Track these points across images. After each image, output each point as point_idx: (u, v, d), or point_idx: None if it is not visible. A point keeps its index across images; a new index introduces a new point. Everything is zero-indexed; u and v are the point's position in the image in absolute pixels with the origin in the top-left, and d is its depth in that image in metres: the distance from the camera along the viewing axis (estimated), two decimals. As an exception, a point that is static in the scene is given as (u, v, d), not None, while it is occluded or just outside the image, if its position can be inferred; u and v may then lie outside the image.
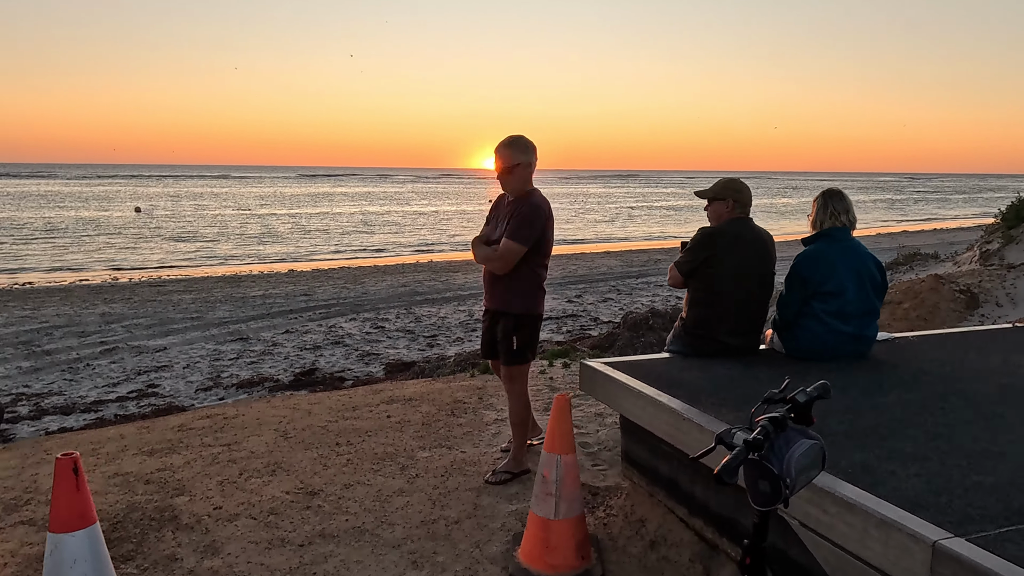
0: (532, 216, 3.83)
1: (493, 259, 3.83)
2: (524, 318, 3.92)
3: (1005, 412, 2.91)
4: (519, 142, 3.85)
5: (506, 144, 3.83)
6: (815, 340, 3.72)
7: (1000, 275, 8.16)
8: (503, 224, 3.86)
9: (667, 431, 2.98)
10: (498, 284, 3.91)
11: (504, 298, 3.92)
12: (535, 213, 3.84)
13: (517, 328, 3.90)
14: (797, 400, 1.92)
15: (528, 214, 3.83)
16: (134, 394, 10.66)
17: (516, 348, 3.89)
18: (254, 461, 4.32)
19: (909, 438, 2.62)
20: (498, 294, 3.93)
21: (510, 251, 3.79)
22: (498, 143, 3.85)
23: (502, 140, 3.86)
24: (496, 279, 3.91)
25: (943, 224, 42.44)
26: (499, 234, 3.86)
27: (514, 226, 3.80)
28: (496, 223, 3.93)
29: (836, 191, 3.92)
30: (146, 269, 25.84)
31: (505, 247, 3.79)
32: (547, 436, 2.99)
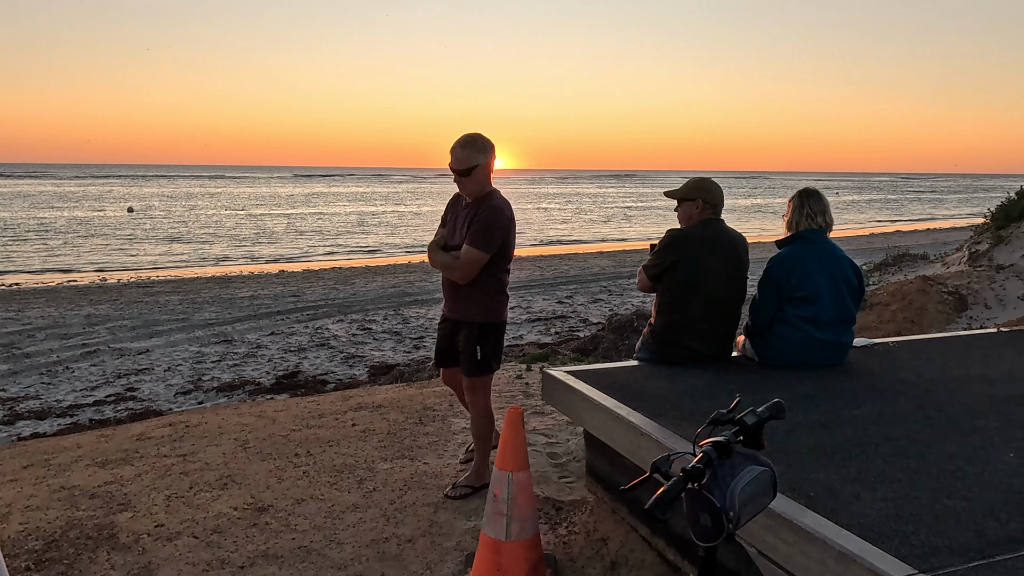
0: (494, 221, 3.62)
1: (454, 267, 3.62)
2: (488, 327, 3.73)
3: (983, 426, 2.73)
4: (476, 141, 3.63)
5: (462, 144, 3.61)
6: (789, 347, 3.55)
7: (989, 276, 8.00)
8: (462, 228, 3.65)
9: (626, 446, 2.81)
10: (459, 292, 3.70)
11: (466, 307, 3.72)
12: (497, 217, 3.63)
13: (481, 338, 3.70)
14: (745, 422, 1.74)
15: (490, 219, 3.62)
16: (112, 398, 10.46)
17: (480, 358, 3.70)
18: (207, 473, 4.13)
19: (879, 456, 2.44)
20: (460, 303, 3.72)
21: (472, 259, 3.58)
22: (454, 144, 3.64)
23: (457, 139, 3.64)
24: (457, 287, 3.70)
25: (937, 224, 42.37)
26: (459, 239, 3.66)
27: (476, 232, 3.58)
28: (454, 226, 3.72)
29: (813, 191, 3.74)
30: (135, 270, 25.62)
31: (467, 255, 3.58)
32: (498, 451, 2.81)
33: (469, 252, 3.57)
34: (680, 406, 2.97)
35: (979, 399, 3.07)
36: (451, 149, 3.61)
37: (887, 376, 3.44)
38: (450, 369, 3.94)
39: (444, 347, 3.89)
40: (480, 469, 3.79)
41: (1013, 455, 2.45)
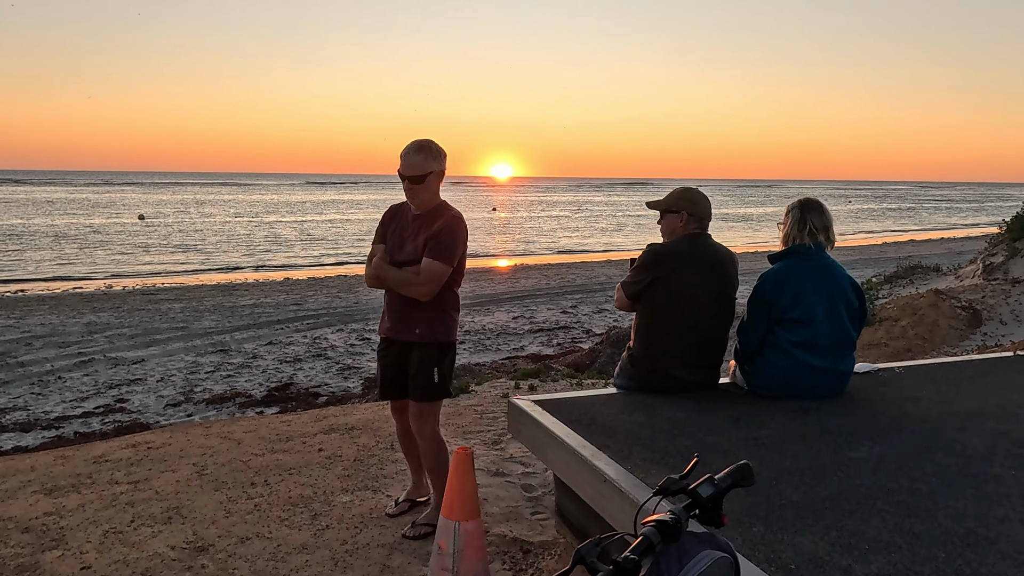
0: (458, 233, 3.34)
1: (415, 284, 3.27)
2: (446, 346, 3.40)
3: (1000, 475, 2.38)
4: (431, 147, 3.31)
5: (415, 149, 3.29)
6: (781, 375, 3.20)
7: (1004, 290, 7.59)
8: (413, 241, 3.33)
9: (590, 493, 2.47)
10: (413, 311, 3.35)
11: (423, 326, 3.37)
12: (460, 229, 3.35)
13: (439, 358, 3.37)
14: (699, 494, 1.39)
15: (454, 230, 3.33)
16: (100, 410, 10.23)
17: (437, 381, 3.36)
18: (154, 504, 3.83)
19: (878, 514, 2.09)
20: (414, 322, 3.36)
21: (437, 273, 3.27)
22: (406, 148, 3.33)
23: (409, 144, 3.32)
24: (411, 306, 3.35)
25: (952, 233, 41.65)
26: (409, 253, 3.33)
27: (441, 244, 3.28)
28: (401, 240, 3.38)
29: (815, 203, 3.33)
30: (141, 277, 25.51)
31: (432, 269, 3.26)
32: (444, 498, 2.48)
33: (434, 266, 3.27)
34: (653, 445, 2.63)
35: (994, 439, 2.71)
36: (402, 154, 3.30)
37: (891, 409, 3.08)
38: (399, 400, 3.58)
39: (393, 374, 3.49)
40: (440, 504, 3.45)
41: (1033, 513, 2.09)
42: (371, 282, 3.41)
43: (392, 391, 3.52)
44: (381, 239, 3.44)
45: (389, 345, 3.45)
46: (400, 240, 3.36)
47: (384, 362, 3.50)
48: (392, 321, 3.42)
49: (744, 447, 2.62)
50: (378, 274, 3.32)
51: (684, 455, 2.54)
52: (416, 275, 3.27)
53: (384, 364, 3.50)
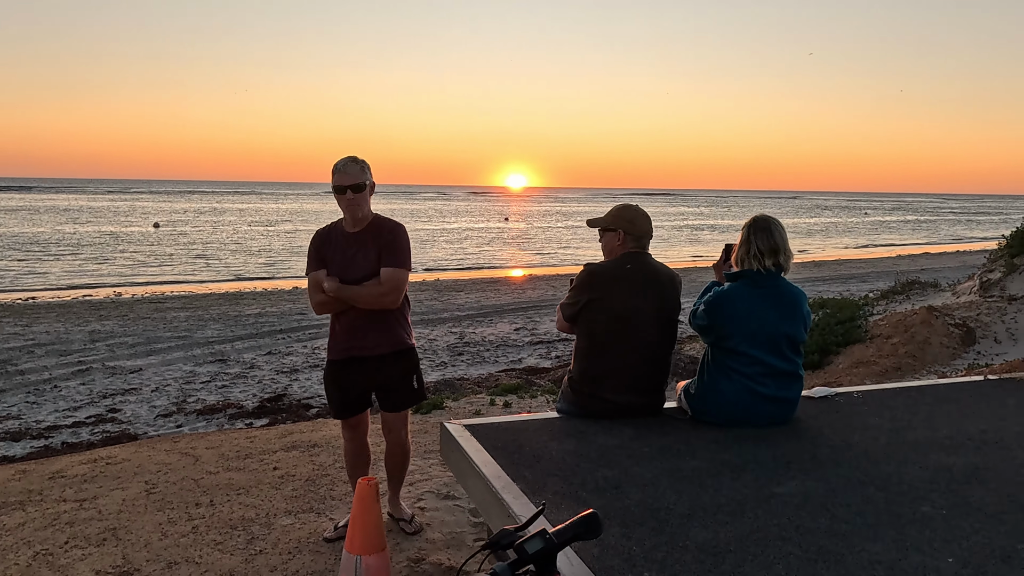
0: (406, 238, 3.42)
1: (384, 294, 3.29)
2: (414, 350, 3.51)
3: (928, 515, 2.24)
4: (362, 160, 3.32)
5: (351, 161, 3.29)
6: (725, 401, 3.06)
7: (1000, 308, 7.37)
8: (364, 257, 3.31)
9: (496, 527, 2.36)
10: (378, 324, 3.36)
11: (394, 336, 3.41)
12: (406, 234, 3.43)
13: (415, 364, 3.49)
14: (524, 550, 1.28)
15: (403, 236, 3.41)
16: (92, 419, 10.23)
17: (417, 385, 3.48)
18: (92, 525, 3.76)
19: (782, 559, 1.96)
20: (380, 335, 3.37)
21: (401, 280, 3.33)
22: (342, 161, 3.28)
23: (341, 159, 3.29)
24: (377, 319, 3.35)
25: (968, 246, 41.04)
26: (363, 270, 3.30)
27: (397, 251, 3.35)
28: (347, 258, 3.32)
29: (764, 224, 3.09)
30: (152, 285, 25.69)
31: (396, 276, 3.31)
32: (348, 531, 2.38)
33: (397, 273, 3.32)
34: (572, 476, 2.52)
35: (934, 474, 2.57)
36: (338, 168, 3.28)
37: (835, 438, 2.94)
38: (359, 415, 3.55)
39: (359, 392, 3.46)
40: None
41: (952, 561, 1.95)
42: (323, 308, 3.36)
43: (354, 407, 3.51)
44: (320, 265, 3.37)
45: (348, 364, 3.39)
46: (345, 260, 3.32)
47: (345, 382, 3.44)
48: (355, 339, 3.37)
49: (666, 479, 2.50)
50: (338, 296, 3.26)
51: (601, 487, 2.42)
52: (379, 286, 3.27)
53: (345, 384, 3.45)
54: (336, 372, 3.45)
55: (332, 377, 3.47)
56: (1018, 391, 3.68)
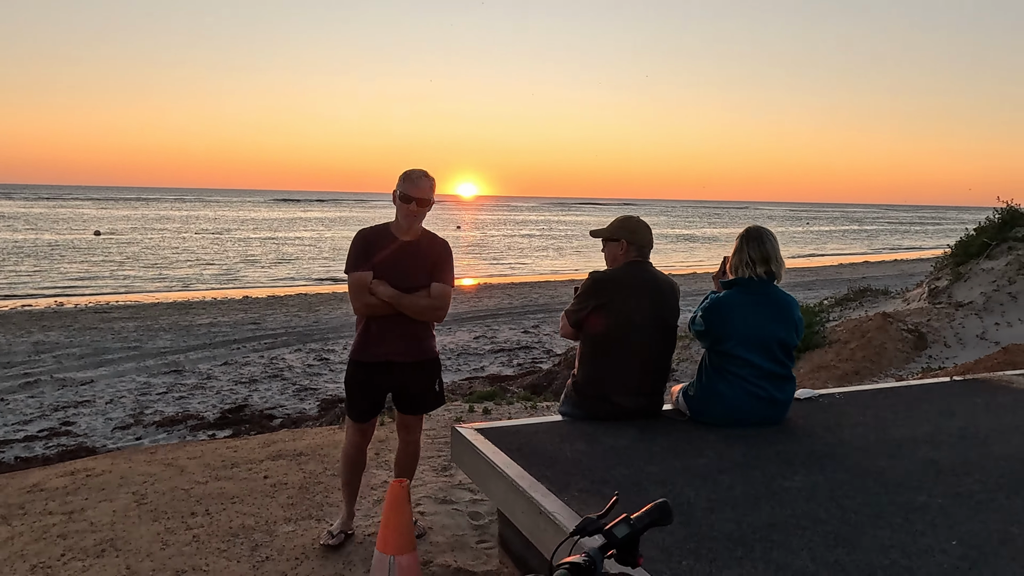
0: (452, 256, 3.55)
1: (438, 308, 3.42)
2: (439, 360, 3.66)
3: (927, 504, 2.42)
4: (433, 179, 3.43)
5: (425, 175, 3.37)
6: (722, 402, 3.23)
7: (948, 314, 7.79)
8: (420, 269, 3.39)
9: (527, 525, 2.46)
10: (421, 332, 3.48)
11: (425, 345, 3.55)
12: (451, 253, 3.55)
13: (440, 371, 3.63)
14: (614, 535, 1.39)
15: (450, 255, 3.55)
16: (45, 433, 9.92)
17: (439, 390, 3.62)
18: (87, 537, 3.70)
19: (805, 545, 2.11)
20: (421, 342, 3.50)
21: (449, 296, 3.48)
22: (418, 173, 3.35)
23: (417, 170, 3.36)
24: (413, 328, 3.44)
25: (904, 255, 42.79)
26: (416, 280, 3.37)
27: (446, 270, 3.48)
28: (401, 268, 3.37)
29: (756, 234, 3.30)
30: (95, 294, 24.91)
31: (446, 293, 3.46)
32: (380, 531, 2.45)
33: (448, 290, 3.47)
34: (592, 475, 2.63)
35: (924, 468, 2.76)
36: (413, 178, 3.33)
37: (827, 436, 3.13)
38: (374, 419, 3.63)
39: (381, 396, 3.53)
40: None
41: (956, 543, 2.13)
42: (369, 310, 3.37)
43: (374, 411, 3.57)
44: (367, 266, 3.36)
45: (379, 367, 3.44)
46: (399, 267, 3.36)
47: (372, 385, 3.48)
48: (392, 345, 3.42)
49: (681, 476, 2.63)
50: (394, 303, 3.31)
51: (623, 485, 2.54)
52: (433, 300, 3.39)
53: (372, 387, 3.48)
54: (366, 375, 3.46)
55: (360, 380, 3.47)
56: (983, 390, 3.95)
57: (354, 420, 3.54)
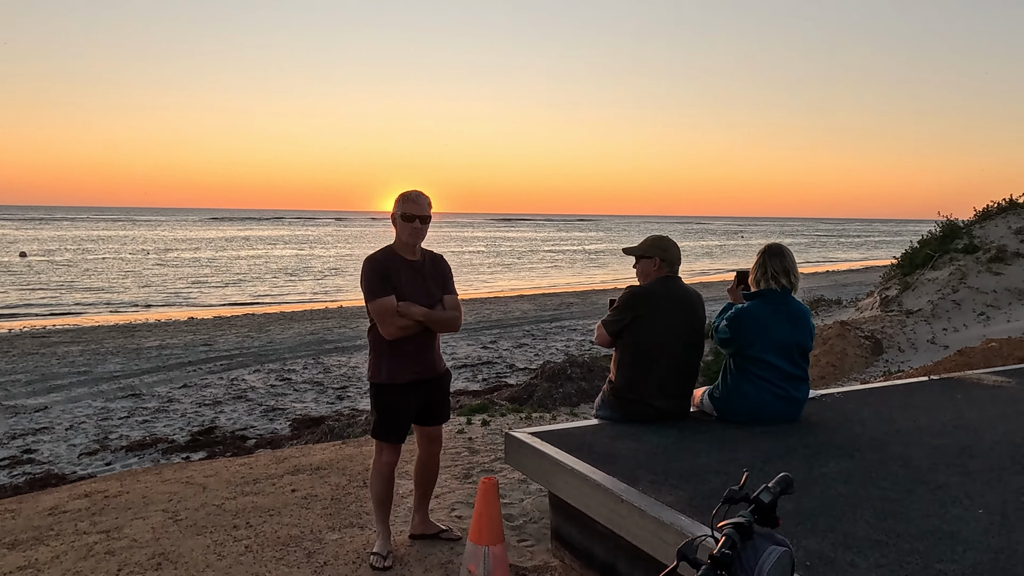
0: (451, 268, 3.80)
1: (457, 318, 3.66)
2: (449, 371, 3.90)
3: (946, 481, 2.81)
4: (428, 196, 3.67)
5: (423, 194, 3.60)
6: (747, 402, 3.58)
7: (900, 321, 8.43)
8: (434, 285, 3.61)
9: (604, 514, 2.73)
10: (436, 347, 3.69)
11: (441, 357, 3.77)
12: (449, 264, 3.82)
13: (450, 381, 3.85)
14: (761, 500, 1.69)
15: (449, 267, 3.79)
16: (6, 461, 9.66)
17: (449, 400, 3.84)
18: (136, 552, 3.79)
19: (860, 519, 2.46)
20: (436, 356, 3.71)
21: (460, 305, 3.72)
22: (415, 193, 3.56)
23: (414, 191, 3.57)
24: (435, 342, 3.67)
25: (837, 266, 44.87)
26: (432, 296, 3.58)
27: (451, 281, 3.73)
28: (419, 284, 3.57)
29: (776, 250, 3.69)
30: (28, 318, 23.98)
31: (458, 303, 3.70)
32: (473, 524, 2.69)
33: (456, 300, 3.69)
34: (653, 468, 2.93)
35: (934, 452, 3.16)
36: (411, 198, 3.54)
37: (842, 430, 3.51)
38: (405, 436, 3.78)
39: (412, 412, 3.66)
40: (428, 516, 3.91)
41: (982, 511, 2.51)
42: (402, 332, 3.46)
43: (407, 430, 3.69)
44: (391, 291, 3.48)
45: (415, 385, 3.59)
46: (414, 287, 3.54)
47: (408, 403, 3.60)
48: (424, 362, 3.59)
49: (730, 467, 2.95)
50: (428, 320, 3.49)
51: (683, 476, 2.85)
52: (452, 311, 3.64)
53: (408, 405, 3.60)
54: (403, 394, 3.58)
55: (394, 401, 3.58)
56: (959, 388, 4.43)
57: (393, 442, 3.63)
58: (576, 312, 24.52)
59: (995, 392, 4.31)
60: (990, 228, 9.91)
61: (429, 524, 3.90)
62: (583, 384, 8.91)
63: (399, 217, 3.55)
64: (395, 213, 3.57)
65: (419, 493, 3.92)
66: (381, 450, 3.67)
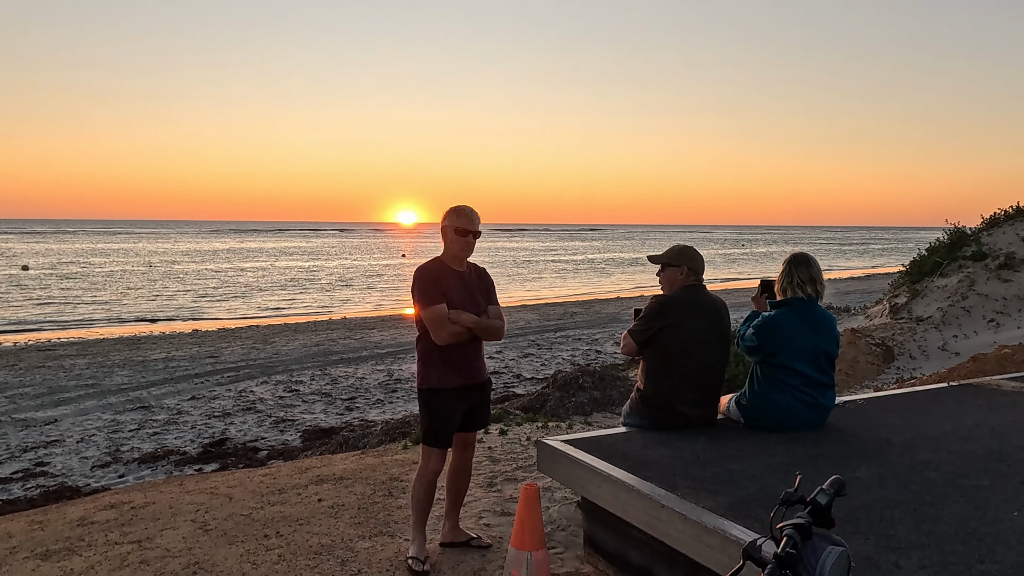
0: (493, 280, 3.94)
1: (503, 327, 3.81)
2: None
3: (979, 485, 2.86)
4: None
5: (474, 211, 3.73)
6: (774, 409, 3.63)
7: (910, 328, 8.48)
8: (481, 294, 3.73)
9: (644, 520, 2.78)
10: (482, 355, 3.85)
11: (484, 365, 3.90)
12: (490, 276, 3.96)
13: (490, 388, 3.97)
14: (818, 502, 1.75)
15: (491, 278, 3.93)
16: (19, 475, 9.68)
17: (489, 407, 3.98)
18: (171, 562, 3.83)
19: (899, 521, 2.51)
20: (483, 364, 3.86)
21: (503, 315, 3.87)
22: (468, 209, 3.68)
23: (466, 206, 3.70)
24: (481, 351, 3.82)
25: (837, 274, 44.96)
26: (480, 305, 3.70)
27: (494, 292, 3.87)
28: (467, 297, 3.67)
29: (803, 258, 3.75)
30: (34, 331, 24.03)
31: (501, 312, 3.84)
32: (515, 530, 2.73)
33: (499, 310, 3.83)
34: (690, 474, 2.98)
35: (962, 456, 3.21)
36: (466, 213, 3.67)
37: (870, 436, 3.56)
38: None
39: (458, 421, 3.76)
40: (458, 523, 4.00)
41: (1017, 513, 2.56)
42: (454, 339, 3.58)
43: (453, 435, 3.78)
44: (443, 299, 3.60)
45: (465, 391, 3.70)
46: (464, 297, 3.66)
47: (457, 408, 3.70)
48: (473, 367, 3.75)
49: (764, 472, 3.00)
50: (479, 328, 3.62)
51: (720, 482, 2.90)
52: (498, 320, 3.78)
53: (456, 410, 3.70)
54: (453, 400, 3.67)
55: (445, 406, 3.66)
56: (980, 394, 4.48)
57: (442, 447, 3.70)
58: (580, 322, 24.58)
59: (1016, 397, 4.36)
60: (998, 235, 9.99)
61: (459, 532, 3.95)
62: (595, 393, 8.95)
63: (452, 231, 3.66)
64: (447, 226, 3.69)
65: (450, 500, 3.97)
66: (429, 456, 3.73)
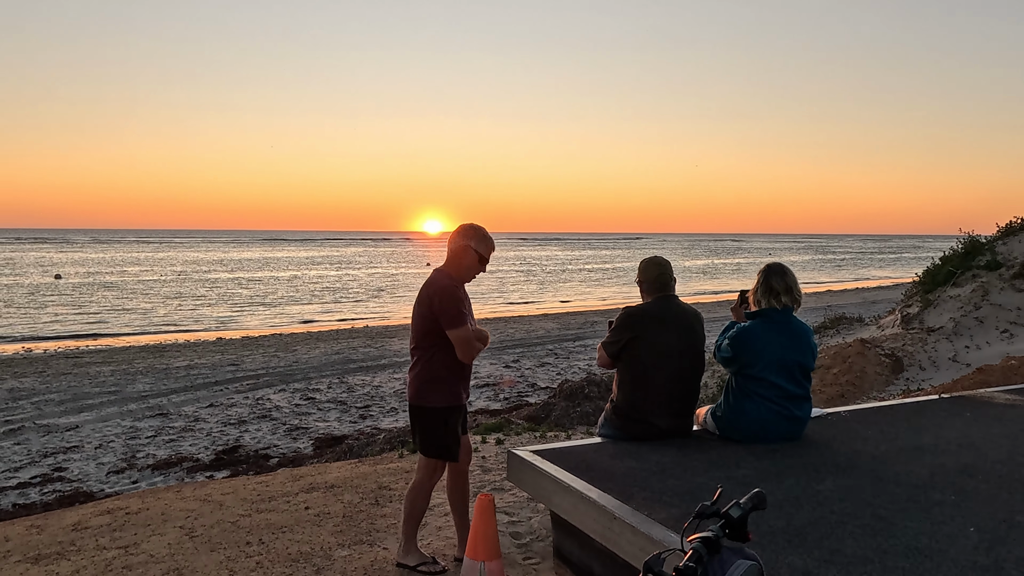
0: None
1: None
2: None
3: (941, 500, 2.81)
4: None
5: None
6: (748, 421, 3.60)
7: (921, 339, 8.34)
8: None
9: (599, 531, 2.78)
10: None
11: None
12: None
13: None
14: (731, 515, 1.74)
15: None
16: (38, 479, 9.90)
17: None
18: (152, 567, 3.90)
19: (849, 535, 2.48)
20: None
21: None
22: (488, 233, 3.69)
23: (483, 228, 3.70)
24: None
25: (865, 283, 44.29)
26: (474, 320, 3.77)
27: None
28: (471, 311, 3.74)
29: (777, 268, 3.72)
30: (63, 339, 24.56)
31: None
32: (469, 540, 2.75)
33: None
34: (649, 486, 2.97)
35: (932, 471, 3.16)
36: (491, 241, 3.71)
37: (844, 449, 3.52)
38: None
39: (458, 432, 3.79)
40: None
41: (973, 530, 2.52)
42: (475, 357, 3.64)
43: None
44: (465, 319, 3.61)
45: (460, 409, 3.71)
46: (469, 313, 3.70)
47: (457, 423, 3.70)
48: (464, 385, 3.73)
49: (727, 485, 2.98)
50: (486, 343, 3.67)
51: (678, 494, 2.89)
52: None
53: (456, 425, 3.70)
54: (455, 418, 3.67)
55: (454, 423, 3.66)
56: (968, 406, 4.40)
57: (453, 459, 3.68)
58: (600, 331, 24.49)
59: (1004, 410, 4.28)
60: (1013, 244, 9.78)
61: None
62: (601, 403, 8.92)
63: (475, 253, 3.63)
64: (471, 247, 3.63)
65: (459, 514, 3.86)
66: (435, 469, 3.70)
